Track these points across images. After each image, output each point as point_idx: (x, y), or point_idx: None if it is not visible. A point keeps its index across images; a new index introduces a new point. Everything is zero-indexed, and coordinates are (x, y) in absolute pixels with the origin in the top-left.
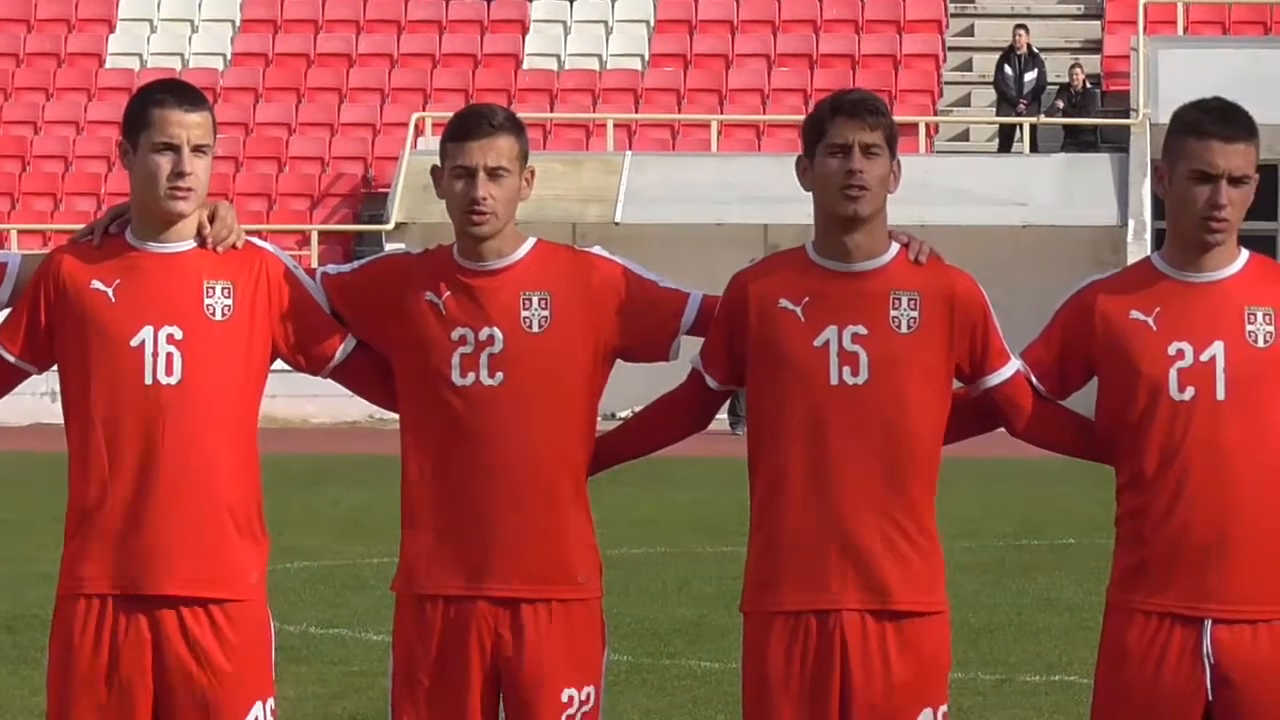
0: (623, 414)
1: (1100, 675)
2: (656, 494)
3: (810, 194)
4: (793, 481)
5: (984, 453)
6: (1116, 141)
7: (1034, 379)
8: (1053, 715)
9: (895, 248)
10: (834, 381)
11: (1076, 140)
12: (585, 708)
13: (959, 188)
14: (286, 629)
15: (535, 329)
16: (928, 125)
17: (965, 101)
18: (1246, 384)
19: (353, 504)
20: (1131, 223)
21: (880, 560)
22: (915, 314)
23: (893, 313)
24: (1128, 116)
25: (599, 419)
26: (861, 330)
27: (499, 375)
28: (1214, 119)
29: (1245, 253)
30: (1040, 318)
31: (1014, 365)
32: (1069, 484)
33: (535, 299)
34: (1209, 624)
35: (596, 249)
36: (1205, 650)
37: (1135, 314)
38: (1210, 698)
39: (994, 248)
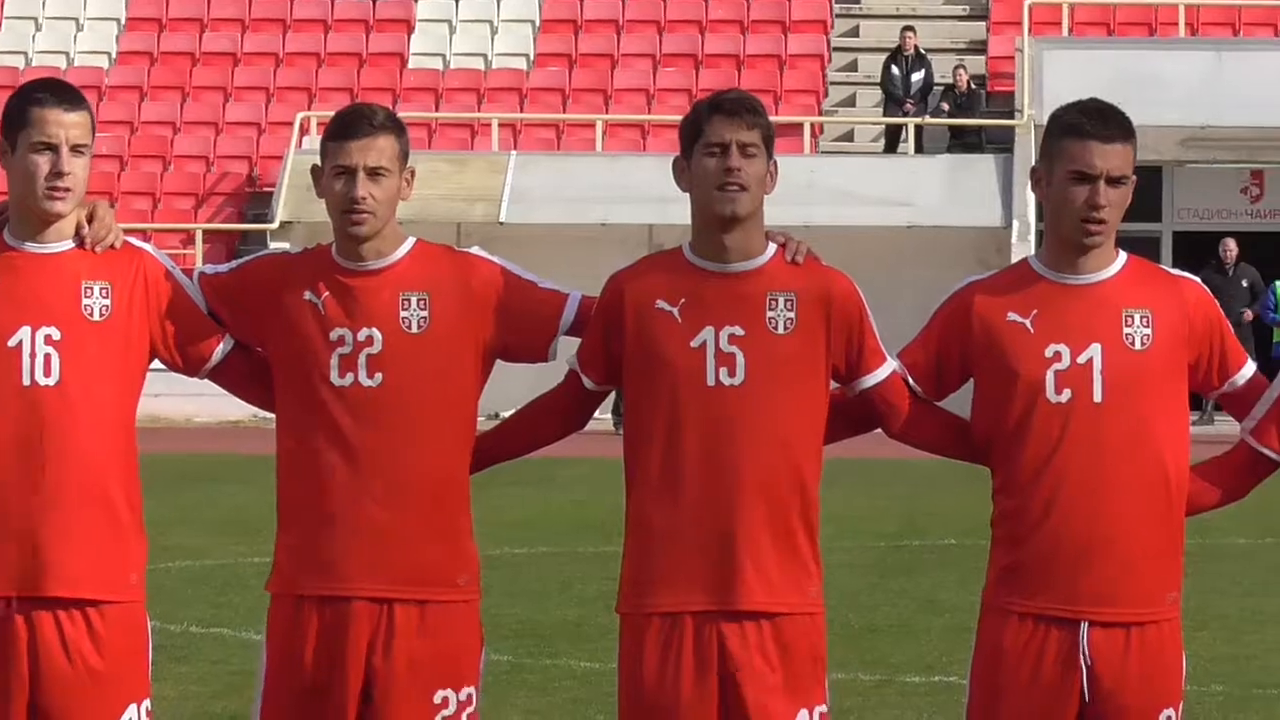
0: (506, 413)
1: (975, 677)
2: (538, 494)
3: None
4: (669, 482)
5: (866, 453)
6: (1001, 142)
7: (911, 380)
8: (933, 716)
9: (772, 248)
10: (711, 382)
11: (962, 141)
12: (466, 709)
13: (844, 188)
14: (167, 628)
15: (414, 329)
16: (813, 125)
17: (850, 102)
18: (1124, 386)
19: (235, 503)
20: (1016, 224)
21: (756, 561)
22: (792, 314)
23: (769, 313)
24: (1013, 117)
25: (482, 418)
26: (739, 331)
27: (378, 376)
28: (1092, 120)
29: (1123, 255)
30: (925, 319)
31: (890, 366)
32: (951, 485)
33: (414, 299)
34: (1085, 626)
35: (476, 250)
36: (1082, 652)
37: (1013, 316)
38: (1085, 700)
39: (879, 249)
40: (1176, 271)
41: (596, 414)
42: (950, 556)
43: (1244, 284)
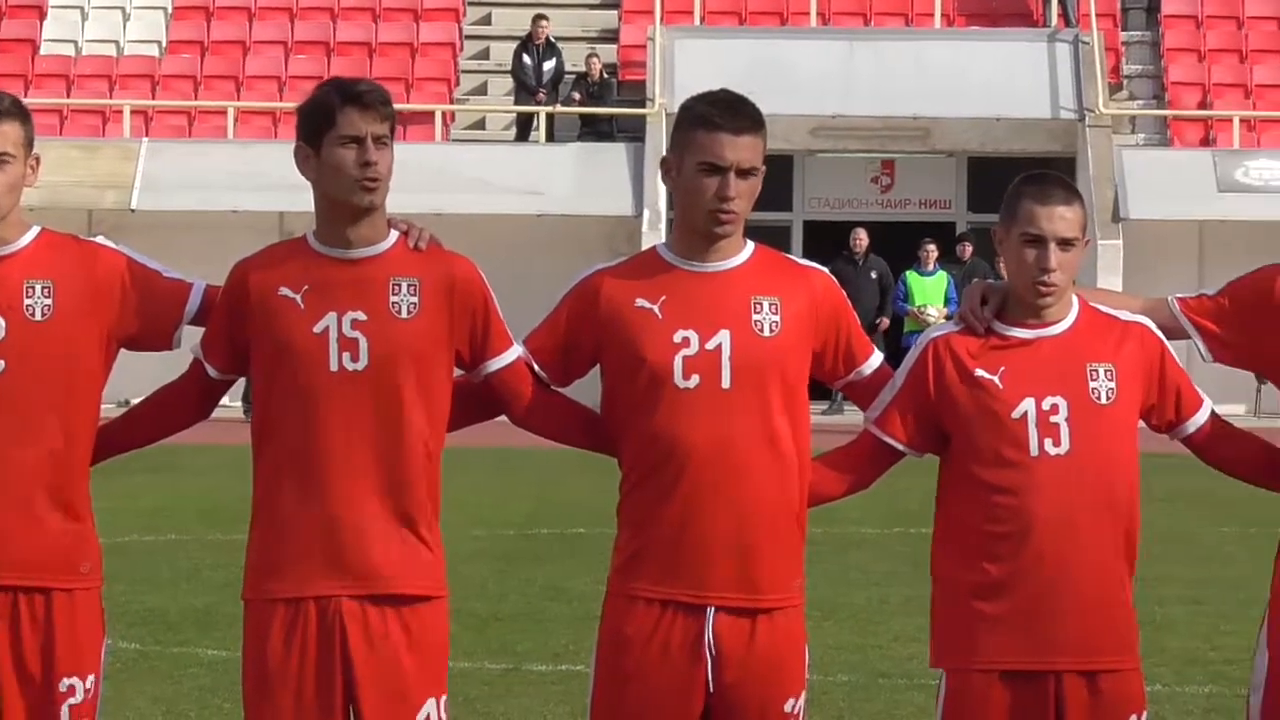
0: (136, 400)
1: (600, 663)
2: (168, 481)
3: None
4: (293, 468)
5: (496, 442)
6: (633, 131)
7: (536, 366)
8: (559, 704)
9: (395, 235)
10: (334, 368)
11: (593, 130)
12: (87, 695)
13: (476, 176)
14: None
15: (38, 317)
16: (445, 114)
17: (483, 90)
18: (751, 373)
19: None
20: (647, 212)
21: (377, 547)
22: (415, 300)
23: (393, 299)
24: (644, 106)
25: (111, 405)
26: (361, 316)
27: (1, 363)
28: (722, 111)
29: (751, 244)
30: None
31: (516, 351)
32: (581, 473)
33: (39, 287)
34: (711, 613)
35: (101, 239)
36: (707, 640)
37: (640, 302)
38: (711, 688)
39: (511, 237)
40: (804, 261)
41: (226, 401)
42: (579, 545)
43: (873, 275)
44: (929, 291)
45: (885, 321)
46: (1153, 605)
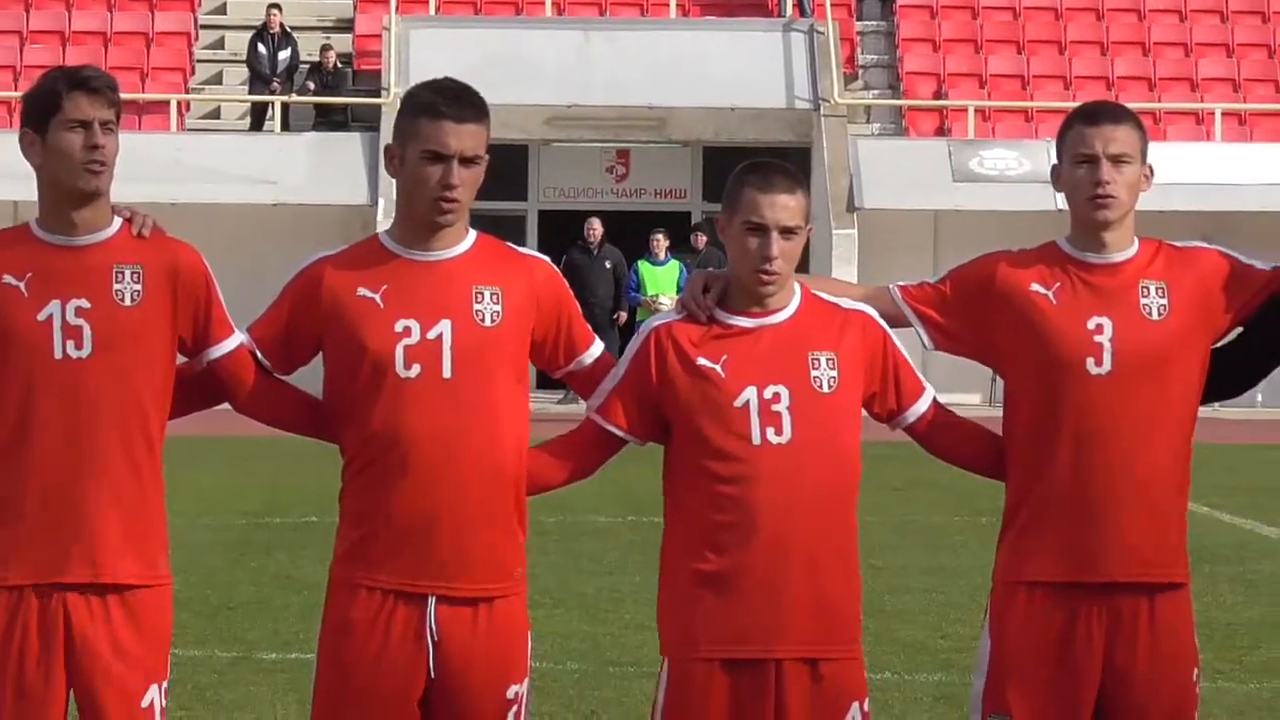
0: None
1: (323, 651)
2: None
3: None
4: (17, 454)
5: (229, 431)
6: (368, 121)
7: (259, 354)
8: (288, 692)
9: (118, 222)
10: (58, 355)
11: (328, 120)
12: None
13: (210, 166)
14: None
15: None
16: (179, 103)
17: (218, 80)
18: (472, 362)
19: None
20: (382, 201)
21: (101, 532)
22: (139, 287)
23: (116, 286)
24: (379, 96)
25: None
26: (85, 304)
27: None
28: (446, 99)
29: (474, 233)
30: None
31: (238, 339)
32: (313, 462)
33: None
34: (432, 601)
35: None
36: (429, 627)
37: (362, 291)
38: (433, 674)
39: (246, 226)
40: (526, 250)
41: None
42: (310, 533)
43: (608, 265)
44: (661, 281)
45: (623, 315)
46: (884, 594)
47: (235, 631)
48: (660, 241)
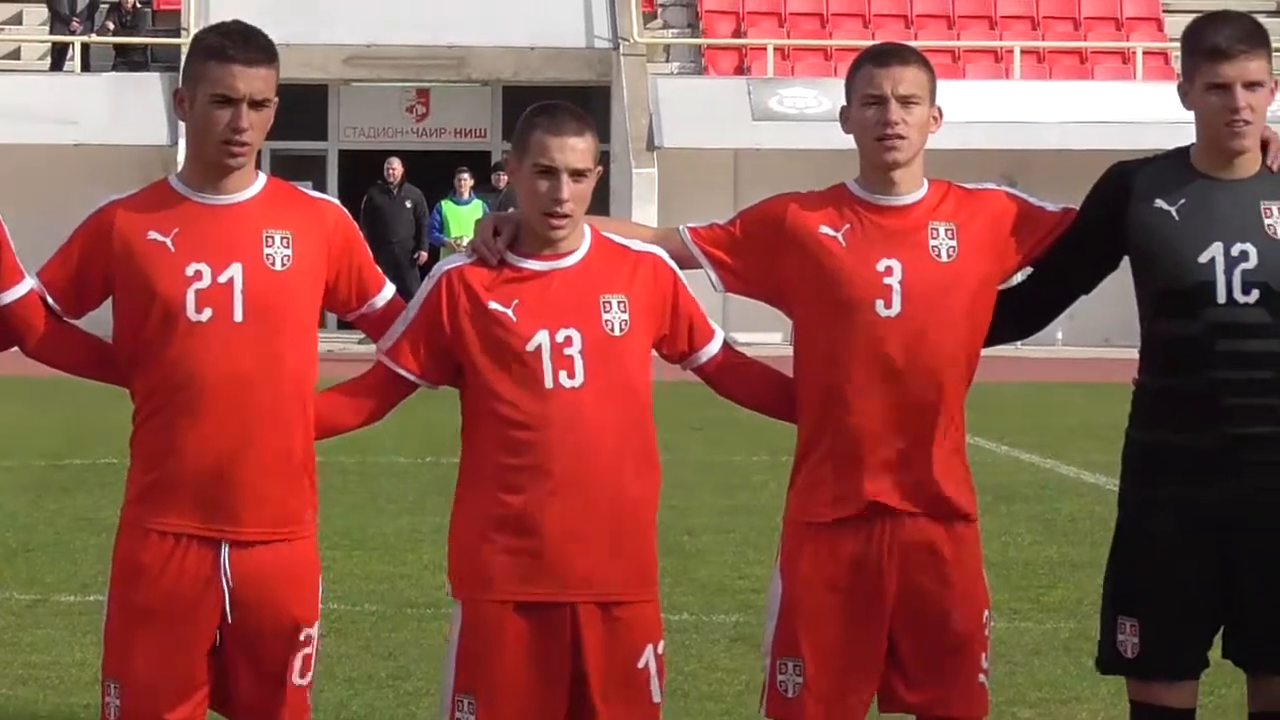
0: None
1: (114, 595)
2: None
3: None
4: None
5: (25, 371)
6: (168, 62)
7: (49, 298)
8: (85, 634)
9: None
10: None
11: (128, 60)
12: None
13: (11, 106)
14: None
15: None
16: None
17: (18, 20)
18: (263, 307)
19: None
20: (182, 142)
21: None
22: None
23: None
24: (178, 36)
25: None
26: None
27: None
28: (234, 42)
29: (264, 176)
30: None
31: (28, 284)
32: (112, 404)
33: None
34: (225, 546)
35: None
36: (224, 573)
37: (153, 234)
38: (229, 618)
39: (48, 167)
40: (315, 194)
41: None
42: (110, 475)
43: (408, 205)
44: (464, 221)
45: (424, 255)
46: (682, 534)
47: (33, 574)
48: (465, 181)
